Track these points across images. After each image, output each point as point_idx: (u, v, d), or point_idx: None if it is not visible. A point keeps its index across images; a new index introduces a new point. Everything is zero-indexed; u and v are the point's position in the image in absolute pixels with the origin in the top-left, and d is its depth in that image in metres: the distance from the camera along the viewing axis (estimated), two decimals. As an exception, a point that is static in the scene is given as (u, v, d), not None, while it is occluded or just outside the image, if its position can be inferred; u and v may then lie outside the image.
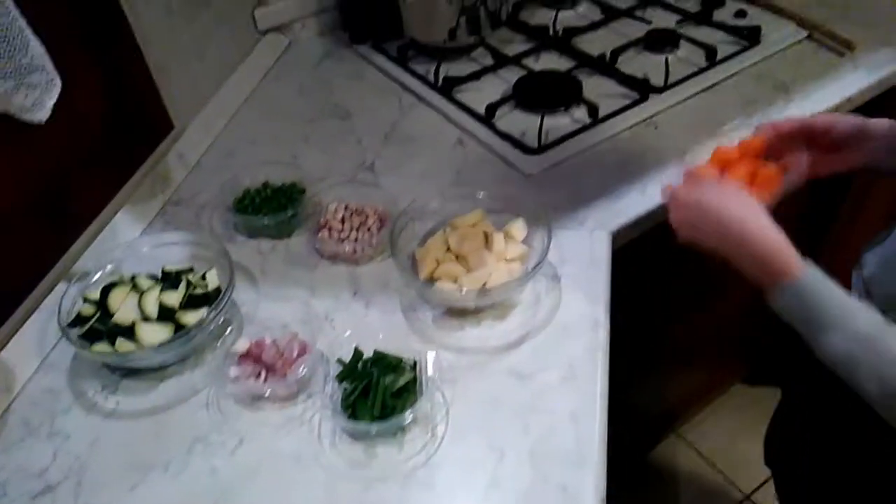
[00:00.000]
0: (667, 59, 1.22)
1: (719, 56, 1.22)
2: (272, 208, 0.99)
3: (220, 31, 1.26)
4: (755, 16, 1.33)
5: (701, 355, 1.55)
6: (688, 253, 1.01)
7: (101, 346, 0.81)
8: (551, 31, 1.36)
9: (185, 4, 1.14)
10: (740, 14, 1.34)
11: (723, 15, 1.34)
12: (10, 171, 0.85)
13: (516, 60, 1.27)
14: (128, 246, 0.94)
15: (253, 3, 1.37)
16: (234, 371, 0.80)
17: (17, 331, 0.88)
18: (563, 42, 1.32)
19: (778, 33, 1.26)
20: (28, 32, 0.74)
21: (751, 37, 1.26)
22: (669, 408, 1.68)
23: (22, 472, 0.76)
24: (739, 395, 1.80)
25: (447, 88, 1.23)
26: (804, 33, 1.26)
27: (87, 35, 0.94)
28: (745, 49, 1.24)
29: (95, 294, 0.85)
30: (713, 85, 1.18)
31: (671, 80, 1.18)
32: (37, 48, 0.76)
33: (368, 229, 0.96)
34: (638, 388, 1.42)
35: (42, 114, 0.79)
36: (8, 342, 0.86)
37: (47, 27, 0.78)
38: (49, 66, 0.78)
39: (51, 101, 0.79)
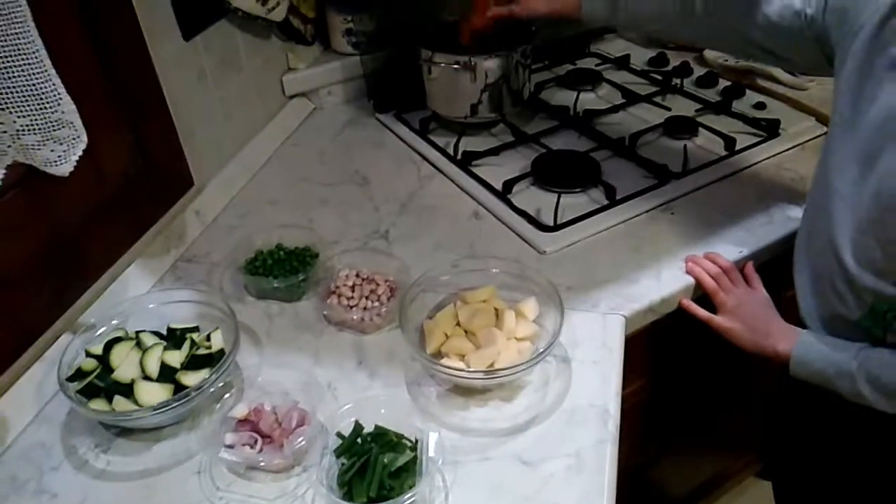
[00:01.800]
0: (685, 146, 1.23)
1: (738, 146, 1.23)
2: (283, 271, 0.99)
3: (249, 95, 1.29)
4: (775, 108, 1.35)
5: (716, 444, 1.50)
6: (698, 341, 1.00)
7: (98, 404, 0.80)
8: (572, 112, 1.38)
9: (218, 69, 1.18)
10: (760, 106, 1.36)
11: (742, 106, 1.36)
12: (29, 221, 0.86)
13: (535, 138, 1.29)
14: (135, 301, 0.93)
15: (283, 69, 1.41)
16: (229, 437, 0.78)
17: (16, 380, 0.86)
18: (583, 123, 1.34)
19: (797, 127, 1.27)
20: (61, 89, 0.76)
21: (770, 129, 1.27)
22: (684, 495, 1.61)
23: (2, 531, 0.73)
24: (753, 489, 1.73)
25: (466, 162, 1.24)
26: (823, 129, 1.27)
27: (118, 94, 0.97)
28: (763, 140, 1.25)
29: (98, 349, 0.84)
30: (731, 174, 1.18)
31: (689, 166, 1.19)
32: (68, 105, 0.77)
33: (378, 298, 0.95)
34: (650, 472, 1.37)
35: (66, 168, 0.80)
36: (6, 391, 0.84)
37: (80, 85, 0.80)
38: (78, 122, 0.79)
39: (75, 156, 0.80)
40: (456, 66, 1.24)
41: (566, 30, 1.56)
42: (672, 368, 1.16)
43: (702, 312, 0.97)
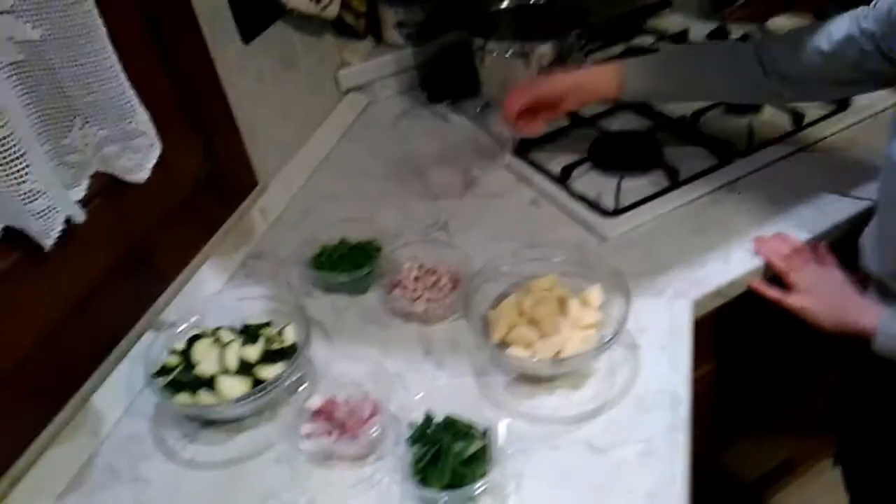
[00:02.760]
0: (750, 123, 1.19)
1: (806, 120, 1.18)
2: (348, 265, 1.01)
3: (305, 92, 1.32)
4: (843, 78, 1.29)
5: (787, 428, 1.47)
6: (769, 323, 0.98)
7: (183, 397, 0.84)
8: (629, 92, 1.36)
9: (276, 69, 1.21)
10: (828, 76, 1.30)
11: (809, 77, 1.31)
12: (111, 225, 0.91)
13: (592, 121, 1.28)
14: (211, 299, 0.98)
15: (337, 64, 1.43)
16: (306, 428, 0.81)
17: (107, 377, 0.92)
18: (640, 103, 1.31)
19: (868, 97, 1.21)
20: (136, 101, 0.80)
21: (840, 100, 1.21)
22: (755, 480, 1.58)
23: (104, 517, 0.78)
24: (826, 475, 1.68)
25: (523, 149, 1.24)
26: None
27: (185, 101, 1.00)
28: (833, 113, 1.20)
29: (180, 345, 0.89)
30: (800, 150, 1.14)
31: (755, 143, 1.15)
32: (142, 115, 0.82)
33: (441, 289, 0.96)
34: (721, 458, 1.35)
35: (142, 175, 0.85)
36: (98, 388, 0.90)
37: (152, 95, 0.84)
38: (151, 131, 0.83)
39: (151, 164, 0.84)
40: (510, 53, 1.24)
41: (620, 8, 1.53)
42: (742, 351, 1.14)
43: (773, 293, 0.94)
